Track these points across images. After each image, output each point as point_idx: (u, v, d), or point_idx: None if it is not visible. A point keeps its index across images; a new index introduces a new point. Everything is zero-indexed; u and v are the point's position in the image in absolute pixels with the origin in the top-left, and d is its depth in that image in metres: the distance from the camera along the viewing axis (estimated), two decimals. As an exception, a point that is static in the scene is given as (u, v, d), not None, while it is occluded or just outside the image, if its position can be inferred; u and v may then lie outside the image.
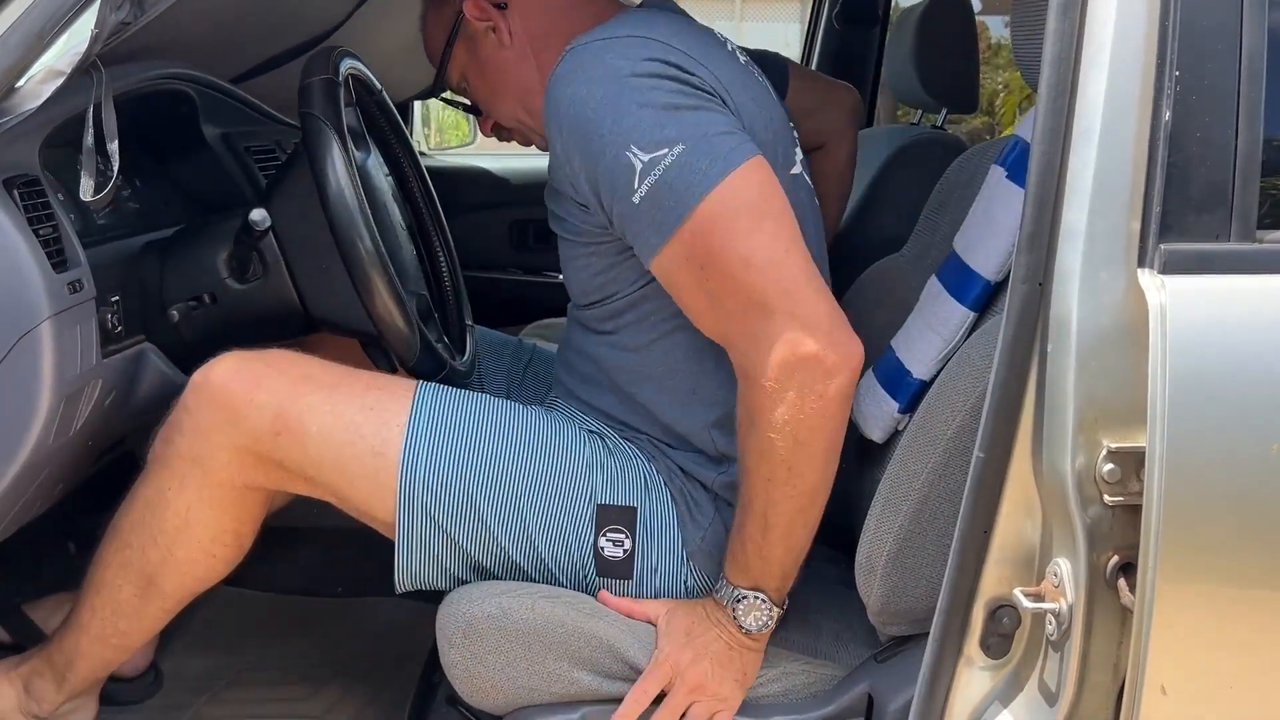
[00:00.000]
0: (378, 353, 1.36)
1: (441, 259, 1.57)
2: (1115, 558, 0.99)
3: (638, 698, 1.17)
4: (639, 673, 1.19)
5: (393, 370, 1.36)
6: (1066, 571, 1.01)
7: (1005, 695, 1.08)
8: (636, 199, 1.10)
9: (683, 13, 1.32)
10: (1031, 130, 1.28)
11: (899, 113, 3.93)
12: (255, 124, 1.76)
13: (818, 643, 1.30)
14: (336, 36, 1.79)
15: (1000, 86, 6.69)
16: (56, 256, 1.13)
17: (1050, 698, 1.03)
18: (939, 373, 1.21)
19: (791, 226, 1.12)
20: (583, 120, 1.13)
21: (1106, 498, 0.98)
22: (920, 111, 2.30)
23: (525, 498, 1.23)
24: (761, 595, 1.16)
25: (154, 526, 1.24)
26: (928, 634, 1.13)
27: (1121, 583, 0.99)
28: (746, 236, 1.09)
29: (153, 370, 1.34)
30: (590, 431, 1.29)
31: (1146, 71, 0.96)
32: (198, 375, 1.22)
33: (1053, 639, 1.03)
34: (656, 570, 1.25)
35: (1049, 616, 1.02)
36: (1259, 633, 0.98)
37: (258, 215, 1.24)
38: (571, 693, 1.20)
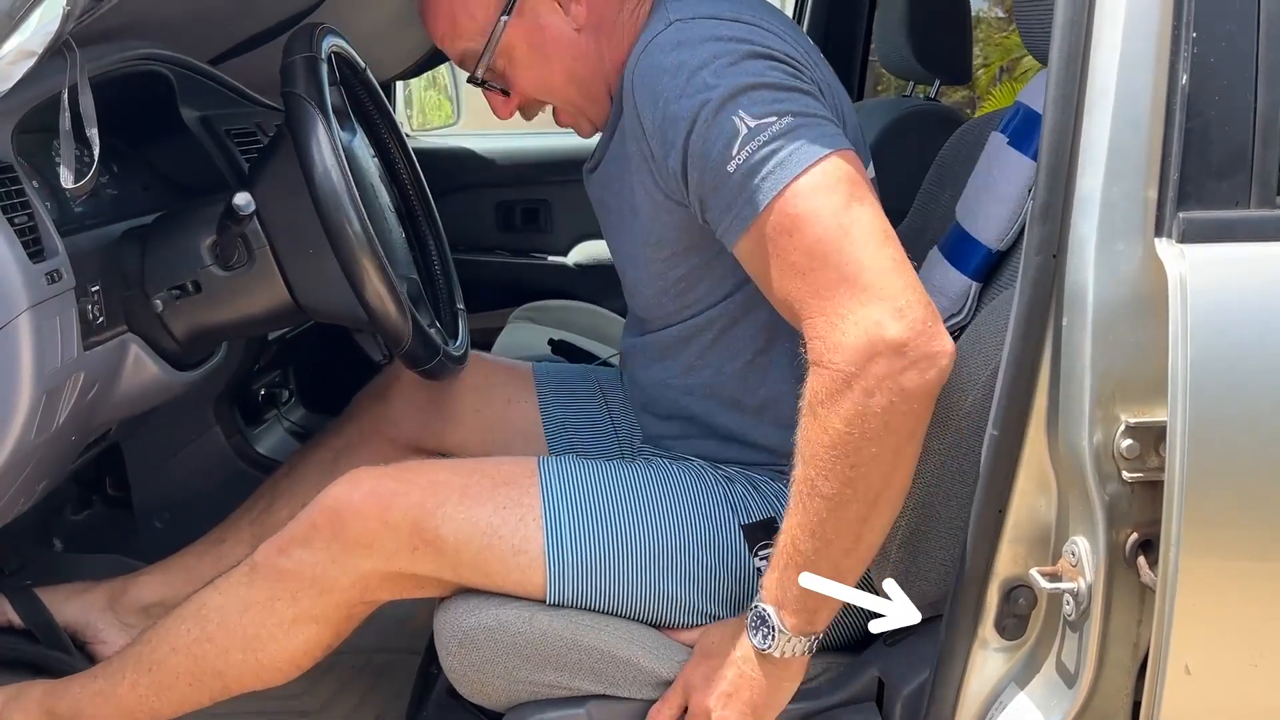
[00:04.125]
0: (369, 341, 1.32)
1: (430, 242, 1.53)
2: (1134, 535, 0.97)
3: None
4: (644, 674, 1.18)
5: (387, 359, 1.33)
6: (1084, 550, 0.99)
7: (1022, 677, 1.06)
8: (731, 167, 1.06)
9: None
10: (1042, 97, 1.25)
11: (878, 86, 3.89)
12: (235, 106, 1.71)
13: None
14: (318, 14, 1.73)
15: (977, 60, 6.67)
16: (33, 246, 1.09)
17: (1069, 679, 1.01)
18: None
19: (886, 219, 1.07)
20: (687, 80, 1.09)
21: (1125, 474, 0.96)
22: (912, 83, 2.27)
23: (680, 558, 1.20)
24: (778, 616, 1.09)
25: (248, 631, 1.21)
26: (940, 617, 1.11)
27: (1141, 561, 0.97)
28: (848, 208, 1.04)
29: (136, 361, 1.29)
30: (702, 464, 1.28)
31: (1162, 33, 0.93)
32: (328, 498, 1.19)
33: (1071, 619, 1.01)
34: None
35: (1066, 596, 1.00)
36: (1283, 609, 0.96)
37: (241, 199, 1.19)
38: (574, 696, 1.18)
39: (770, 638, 1.09)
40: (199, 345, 1.37)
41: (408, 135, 2.88)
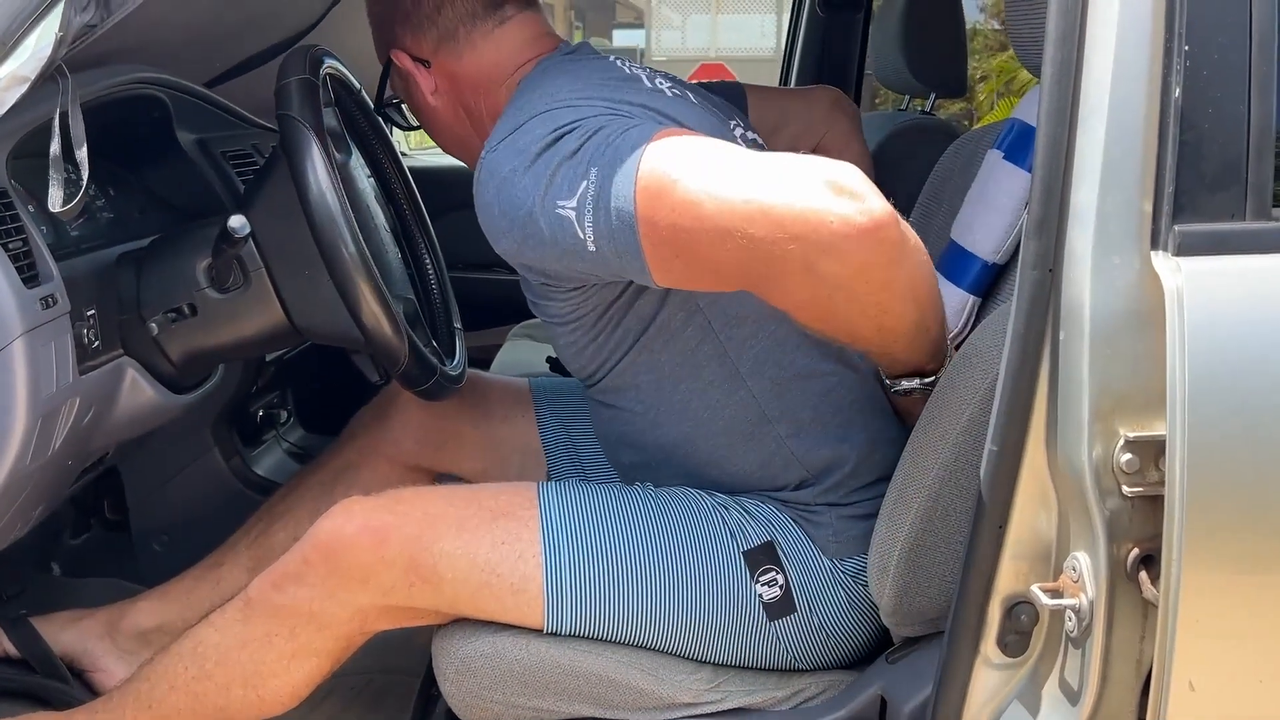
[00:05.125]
0: (366, 362, 1.32)
1: (427, 261, 1.53)
2: (1135, 550, 0.97)
3: None
4: (643, 697, 1.17)
5: (384, 380, 1.32)
6: (1086, 566, 0.98)
7: (1025, 694, 1.05)
8: (591, 246, 1.03)
9: (596, 55, 1.28)
10: (1036, 111, 1.25)
11: (875, 100, 3.89)
12: (231, 128, 1.71)
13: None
14: (312, 36, 1.74)
15: (975, 73, 6.69)
16: (28, 271, 1.09)
17: (1072, 696, 1.01)
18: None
19: (724, 146, 1.03)
20: (513, 208, 1.08)
21: (1125, 489, 0.95)
22: (907, 97, 2.27)
23: (681, 589, 1.19)
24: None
25: (247, 668, 1.20)
26: (941, 633, 1.11)
27: (1143, 576, 0.96)
28: (700, 172, 0.98)
29: (133, 385, 1.29)
30: (699, 492, 1.27)
31: (1154, 46, 0.93)
32: (321, 532, 1.18)
33: (1073, 636, 1.00)
34: (813, 588, 1.22)
35: (1068, 613, 0.99)
36: (1287, 623, 0.95)
37: (236, 222, 1.19)
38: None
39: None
40: (195, 368, 1.36)
41: (404, 154, 2.90)
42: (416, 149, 2.93)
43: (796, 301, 1.02)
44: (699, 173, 0.98)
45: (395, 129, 2.79)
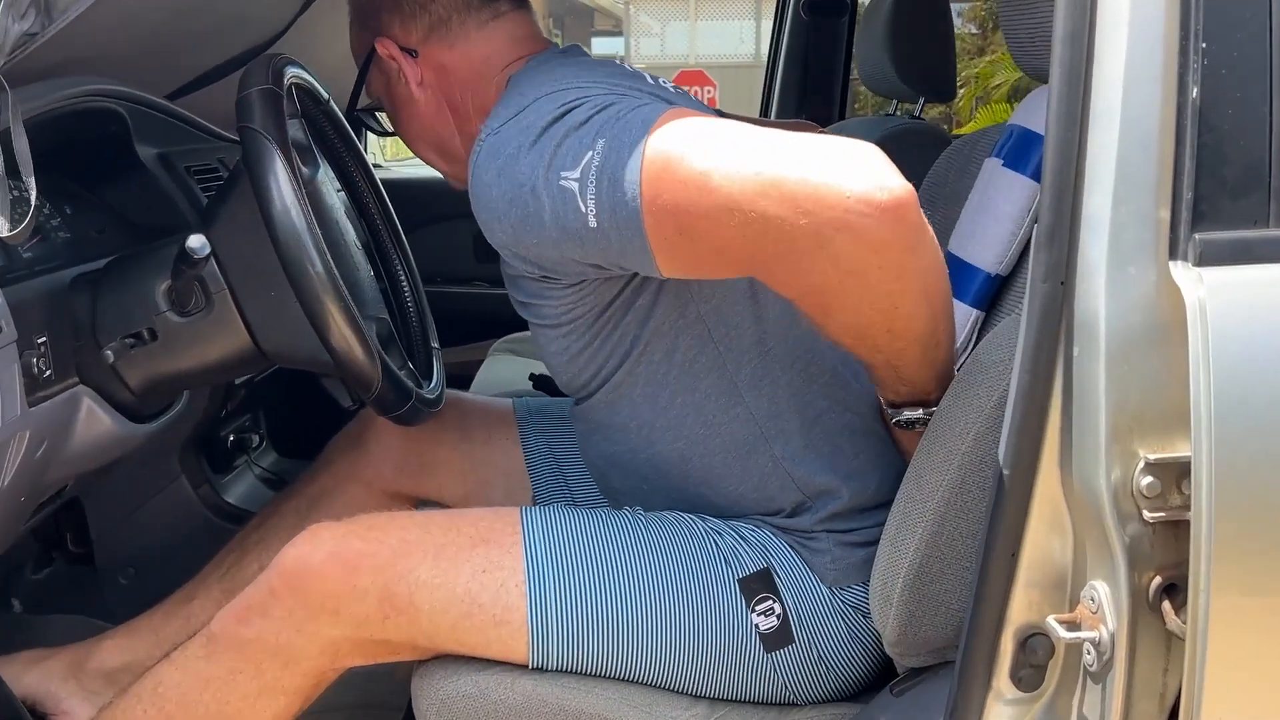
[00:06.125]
0: (338, 386, 1.25)
1: (403, 279, 1.47)
2: (1157, 579, 0.91)
3: None
4: None
5: (357, 405, 1.26)
6: (1105, 596, 0.92)
7: (1041, 731, 0.99)
8: (593, 221, 0.98)
9: (589, 56, 1.25)
10: (1036, 116, 1.20)
11: (855, 105, 3.86)
12: (196, 142, 1.65)
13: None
14: (279, 45, 1.68)
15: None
16: (-34, 299, 1.02)
17: (1092, 733, 0.95)
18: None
19: (734, 124, 0.97)
20: (515, 187, 1.02)
21: (1146, 514, 0.90)
22: (895, 102, 2.22)
23: (673, 618, 1.13)
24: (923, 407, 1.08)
25: (210, 709, 1.14)
26: (948, 663, 1.05)
27: (1166, 606, 0.91)
28: (709, 152, 0.92)
29: (89, 415, 1.22)
30: (692, 518, 1.21)
31: (1169, 44, 0.88)
32: (287, 559, 1.12)
33: (1092, 670, 0.94)
34: (811, 617, 1.16)
35: (1087, 645, 0.93)
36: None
37: (195, 242, 1.12)
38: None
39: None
40: (157, 395, 1.29)
41: (380, 166, 2.83)
42: (392, 160, 2.86)
43: (805, 286, 0.96)
44: (708, 147, 0.93)
45: (369, 138, 2.74)
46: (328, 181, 1.33)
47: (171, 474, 1.69)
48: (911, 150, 1.93)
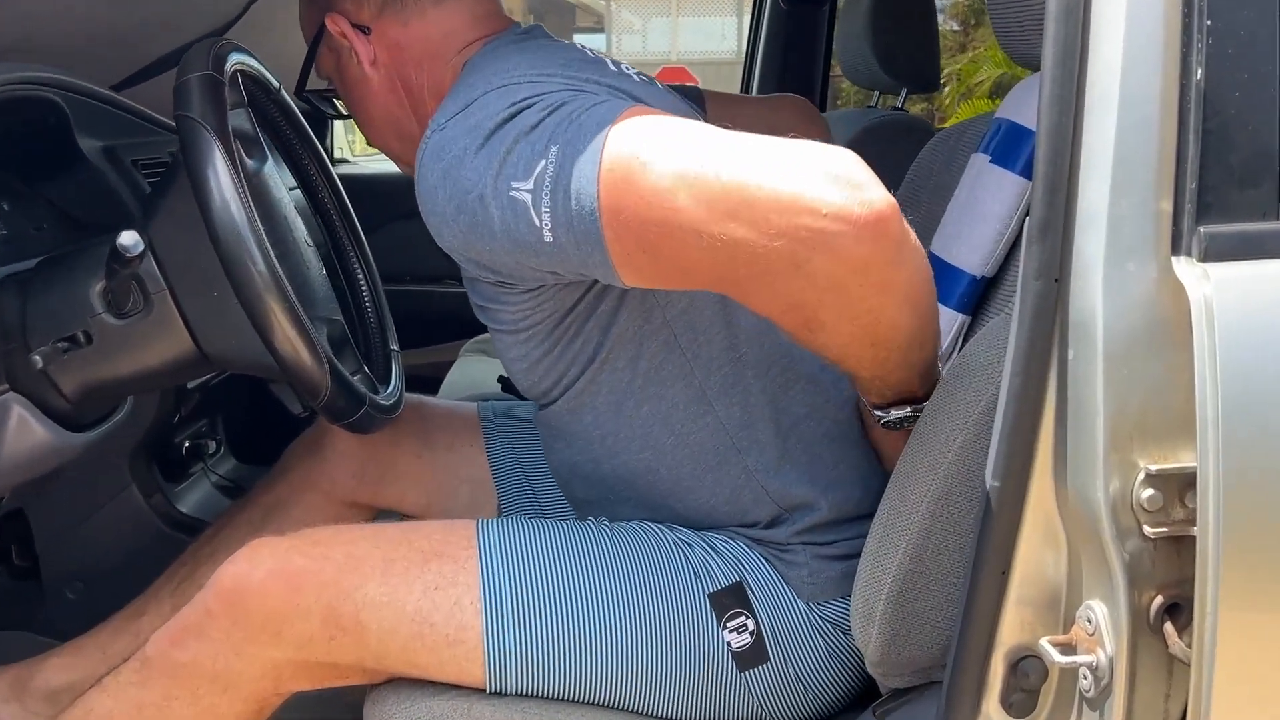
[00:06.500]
0: (287, 391, 1.18)
1: (360, 278, 1.40)
2: (1159, 598, 0.85)
3: None
4: None
5: (307, 412, 1.19)
6: (1103, 617, 0.86)
7: (1034, 760, 0.93)
8: (548, 236, 0.91)
9: (550, 38, 1.17)
10: (1022, 109, 1.14)
11: (837, 100, 3.80)
12: (144, 134, 1.57)
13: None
14: (234, 32, 1.60)
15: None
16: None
17: (1089, 763, 0.89)
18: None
19: (701, 128, 0.90)
20: (461, 193, 0.95)
21: (1146, 529, 0.84)
22: (877, 94, 2.16)
23: (639, 637, 1.07)
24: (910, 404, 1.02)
25: None
26: (934, 684, 0.99)
27: (1168, 627, 0.85)
28: (662, 171, 0.85)
29: (20, 424, 1.14)
30: (659, 528, 1.14)
31: (1170, 22, 0.82)
32: (224, 578, 1.04)
33: (1089, 695, 0.88)
34: (787, 634, 1.10)
35: (1083, 670, 0.87)
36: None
37: (128, 239, 1.05)
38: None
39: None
40: (95, 402, 1.21)
41: (348, 161, 2.75)
42: (361, 155, 2.79)
43: (782, 307, 0.89)
44: (672, 156, 0.85)
45: (338, 133, 2.66)
46: (276, 175, 1.25)
47: (121, 483, 1.61)
48: (894, 142, 1.87)
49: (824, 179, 0.82)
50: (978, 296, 1.20)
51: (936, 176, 1.43)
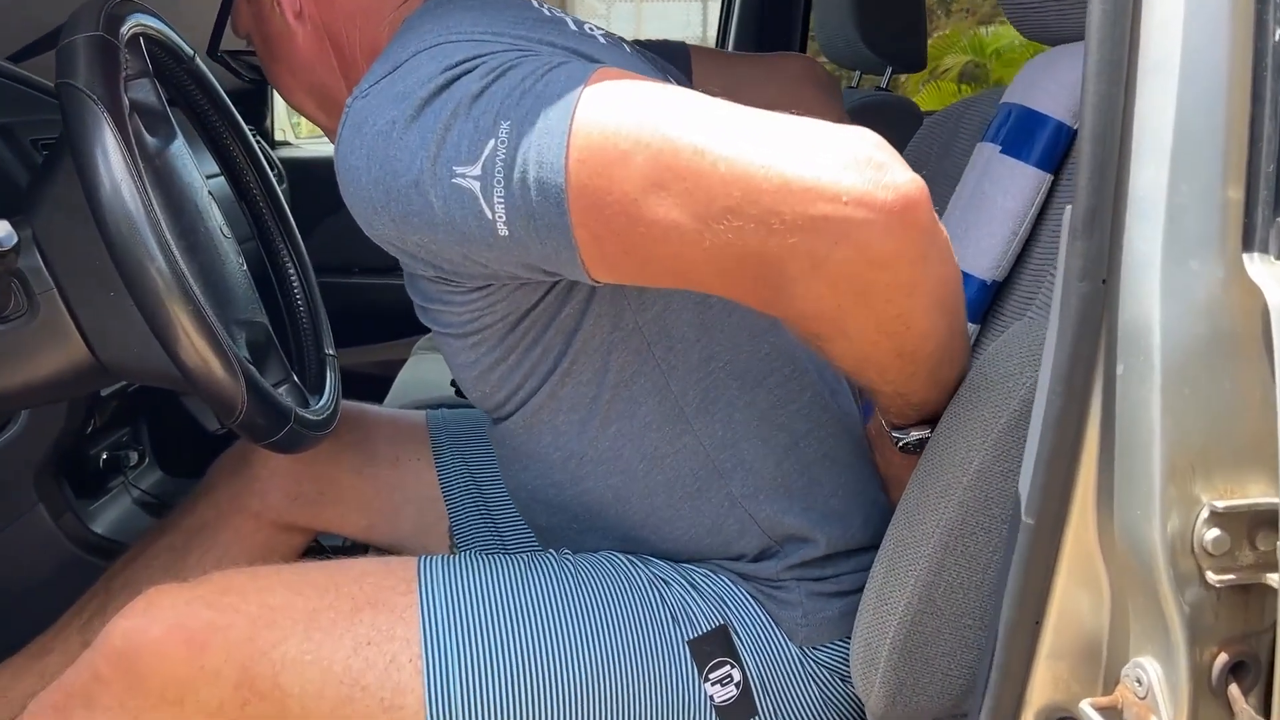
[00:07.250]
0: (200, 406, 1.03)
1: (292, 273, 1.24)
2: (1223, 656, 0.72)
3: None
4: None
5: (223, 429, 1.03)
6: (1156, 677, 0.73)
7: (1070, 838, 0.80)
8: (503, 229, 0.77)
9: None
10: (1034, 91, 1.03)
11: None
12: (48, 111, 1.40)
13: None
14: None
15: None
16: None
17: (1138, 847, 0.76)
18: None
19: (689, 96, 0.77)
20: (390, 176, 0.81)
21: (1210, 575, 0.71)
22: (858, 74, 2.03)
23: (608, 693, 0.93)
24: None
25: None
26: (945, 739, 0.87)
27: (1234, 690, 0.72)
28: (646, 153, 0.73)
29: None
30: (631, 559, 1.00)
31: (1243, -27, 0.69)
32: (115, 635, 0.90)
33: (1138, 768, 0.75)
34: (778, 684, 0.97)
35: (1132, 738, 0.75)
36: None
37: (1, 231, 0.89)
38: None
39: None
40: (-25, 419, 1.06)
41: (291, 144, 2.58)
42: (306, 138, 2.61)
43: (795, 312, 0.77)
44: (658, 134, 0.72)
45: (278, 113, 2.49)
46: (189, 157, 1.10)
47: (26, 503, 1.45)
48: (880, 125, 1.74)
49: (841, 160, 0.70)
50: (987, 304, 1.08)
51: (934, 164, 1.32)
